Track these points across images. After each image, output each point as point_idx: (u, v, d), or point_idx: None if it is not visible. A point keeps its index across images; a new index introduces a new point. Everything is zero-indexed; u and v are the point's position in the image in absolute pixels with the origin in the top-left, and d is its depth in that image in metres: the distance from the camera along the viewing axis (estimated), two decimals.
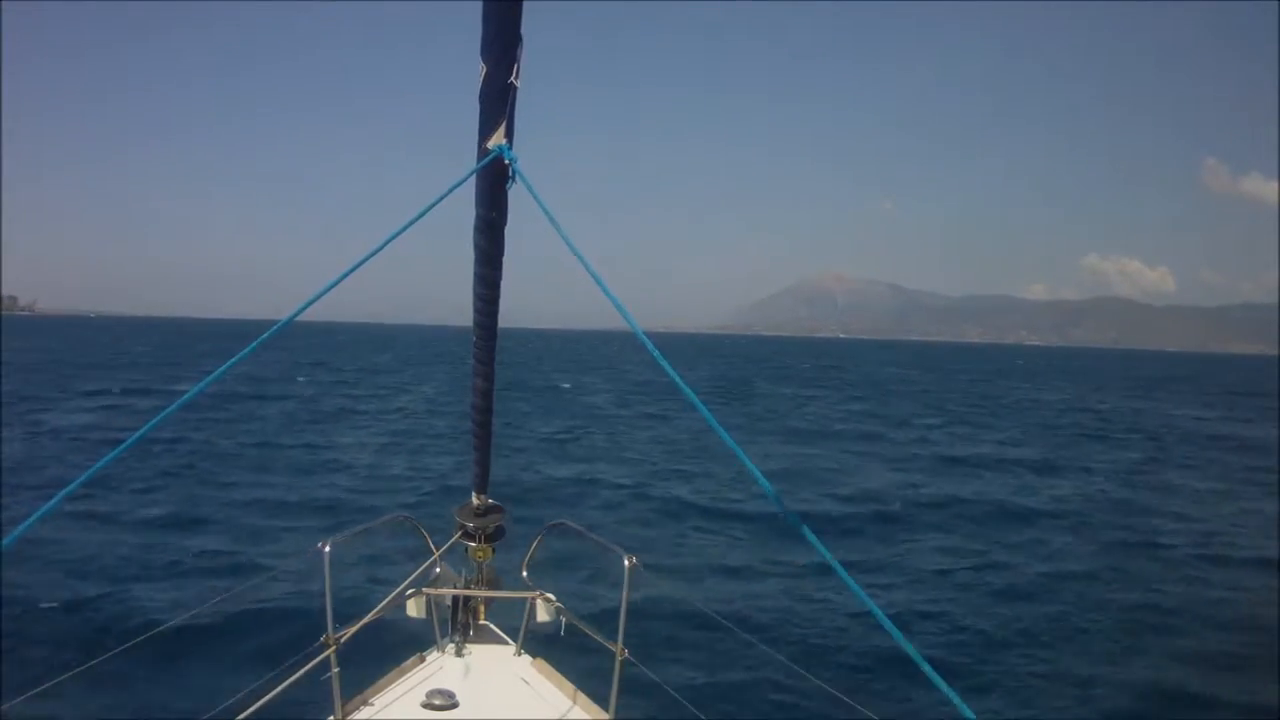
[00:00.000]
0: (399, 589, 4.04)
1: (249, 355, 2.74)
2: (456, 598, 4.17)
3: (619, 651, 3.41)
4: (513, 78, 2.93)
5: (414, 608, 4.05)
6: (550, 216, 2.92)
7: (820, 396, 53.05)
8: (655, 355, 2.74)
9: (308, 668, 3.41)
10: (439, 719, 3.47)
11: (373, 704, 3.59)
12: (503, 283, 3.59)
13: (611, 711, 3.50)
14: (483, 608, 4.31)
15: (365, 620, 3.75)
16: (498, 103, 3.00)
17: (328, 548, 3.42)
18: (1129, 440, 33.72)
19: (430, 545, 4.35)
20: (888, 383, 71.73)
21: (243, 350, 2.69)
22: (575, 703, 3.69)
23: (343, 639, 3.47)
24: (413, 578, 4.14)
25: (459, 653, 4.09)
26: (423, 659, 4.02)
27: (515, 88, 2.96)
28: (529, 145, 3.21)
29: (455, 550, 4.34)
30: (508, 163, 3.05)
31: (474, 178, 3.13)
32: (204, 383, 2.69)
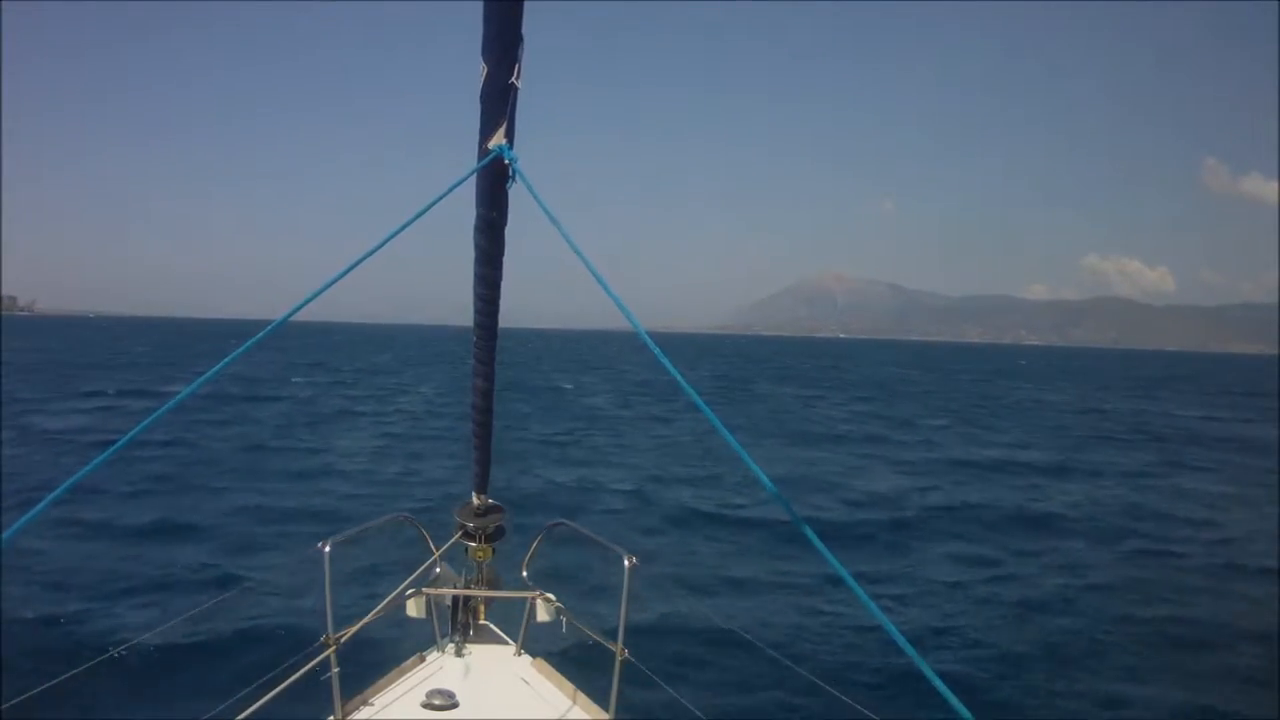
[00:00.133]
0: (399, 589, 4.04)
1: (243, 355, 2.73)
2: (456, 598, 4.17)
3: (619, 651, 3.41)
4: (513, 78, 2.93)
5: (414, 608, 4.05)
6: (551, 216, 2.93)
7: (823, 397, 52.69)
8: (659, 356, 2.73)
9: (308, 668, 3.41)
10: (439, 719, 3.47)
11: (373, 704, 3.59)
12: (503, 283, 3.60)
13: (611, 711, 3.50)
14: (483, 608, 4.32)
15: (365, 620, 3.75)
16: (498, 103, 3.00)
17: (328, 548, 3.42)
18: (1136, 442, 33.49)
19: (430, 545, 4.35)
20: (890, 383, 71.37)
21: (236, 349, 2.67)
22: (575, 703, 3.69)
23: (343, 639, 3.47)
24: (413, 578, 4.14)
25: (459, 653, 4.09)
26: (423, 659, 4.02)
27: (516, 88, 2.97)
28: (529, 145, 3.21)
29: (455, 550, 4.34)
30: (508, 163, 3.05)
31: (474, 177, 3.13)
32: (197, 383, 2.68)
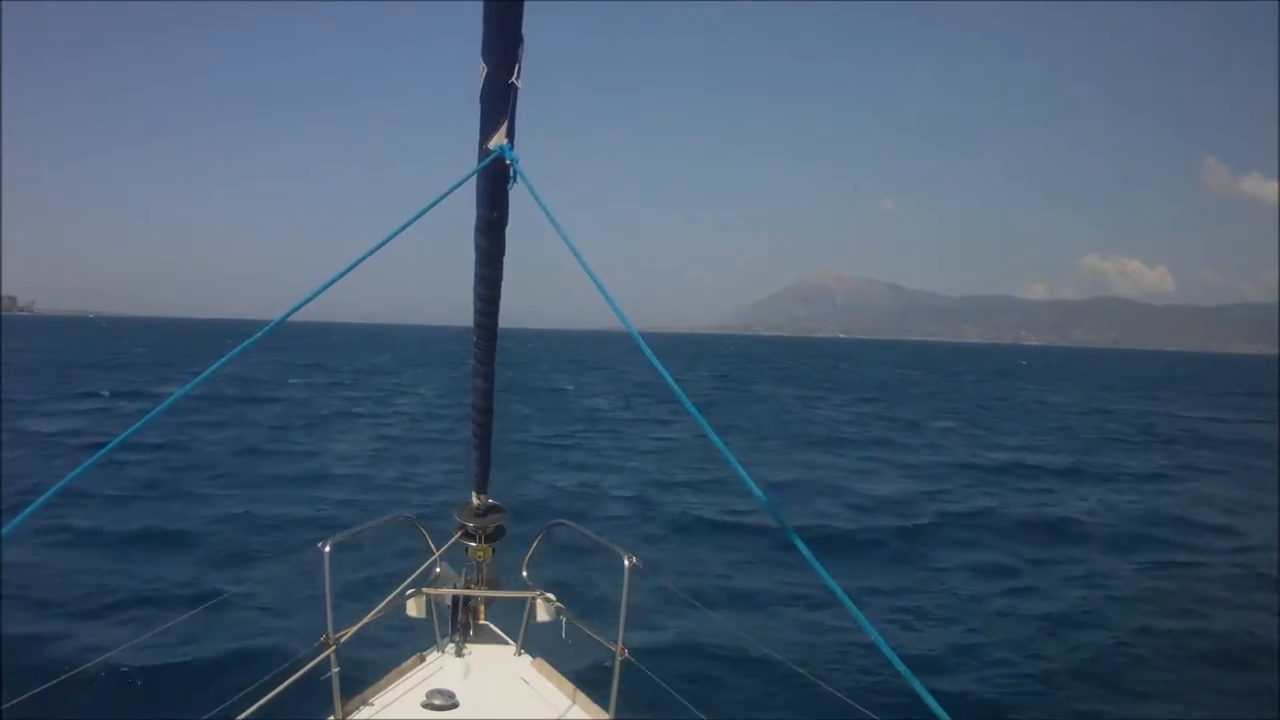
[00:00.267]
0: (399, 589, 4.04)
1: (240, 355, 2.72)
2: (456, 598, 4.17)
3: (619, 651, 3.41)
4: (514, 78, 2.93)
5: (414, 608, 4.05)
6: (551, 217, 2.93)
7: (826, 398, 52.08)
8: (651, 359, 2.72)
9: (308, 668, 3.41)
10: (439, 719, 3.47)
11: (373, 704, 3.59)
12: (503, 283, 3.60)
13: (611, 711, 3.50)
14: (483, 608, 4.32)
15: (365, 620, 3.75)
16: (499, 103, 3.00)
17: (328, 548, 3.42)
18: (1146, 444, 32.96)
19: (430, 545, 4.35)
20: (892, 384, 70.84)
21: (233, 350, 2.65)
22: (575, 703, 3.69)
23: (343, 639, 3.47)
24: (413, 578, 4.14)
25: (459, 653, 4.09)
26: (423, 659, 4.02)
27: (516, 88, 2.96)
28: (529, 146, 3.21)
29: (455, 550, 4.34)
30: (509, 163, 3.05)
31: (475, 178, 3.13)
32: (192, 384, 2.67)
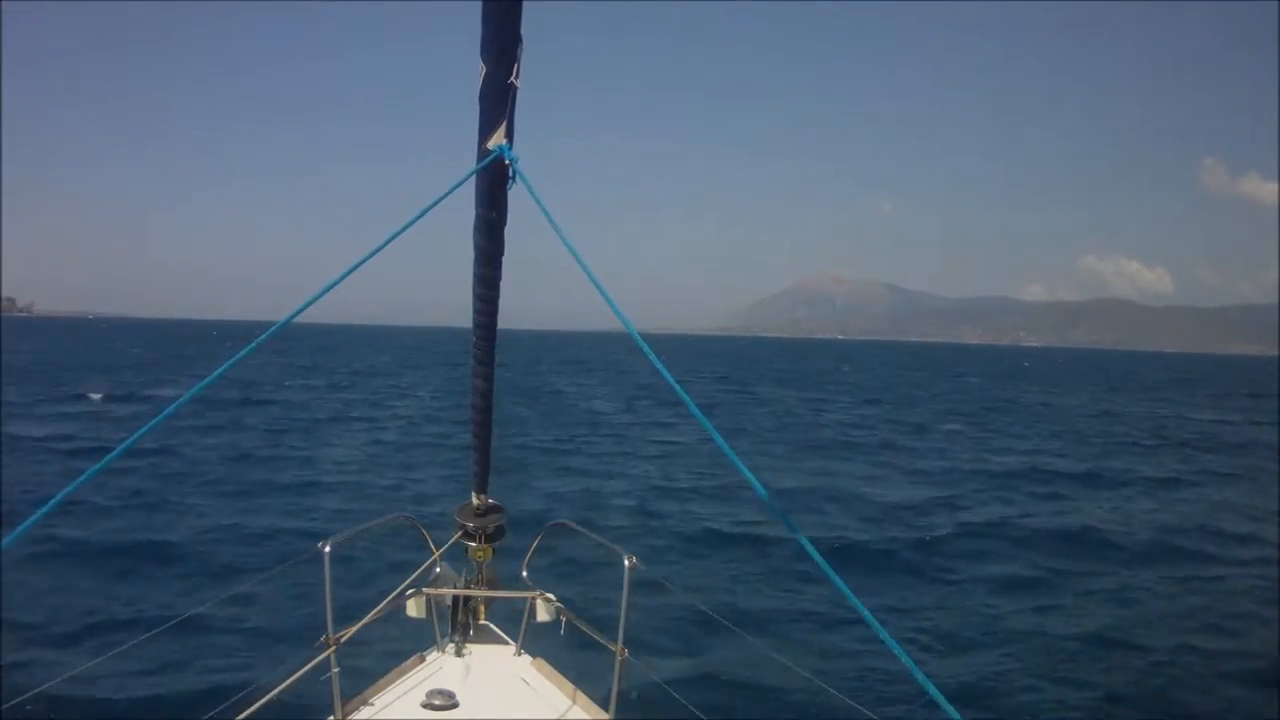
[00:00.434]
0: (399, 589, 4.04)
1: (246, 357, 2.73)
2: (456, 598, 4.17)
3: (619, 651, 3.41)
4: (513, 78, 2.94)
5: (414, 608, 4.05)
6: (550, 217, 2.93)
7: (829, 400, 51.55)
8: (654, 361, 2.73)
9: (308, 668, 3.40)
10: (439, 719, 3.47)
11: (373, 704, 3.59)
12: (502, 283, 3.61)
13: (611, 711, 3.50)
14: (483, 608, 4.32)
15: (365, 620, 3.75)
16: (498, 103, 3.00)
17: (328, 548, 3.42)
18: (1159, 448, 32.60)
19: (430, 545, 4.35)
20: (896, 386, 70.47)
21: (234, 353, 2.68)
22: (575, 703, 3.69)
23: (343, 639, 3.47)
24: (413, 578, 4.14)
25: (459, 653, 4.09)
26: (423, 659, 4.02)
27: (515, 88, 2.97)
28: (529, 146, 3.21)
29: (455, 550, 4.34)
30: (508, 163, 3.06)
31: (474, 178, 3.13)
32: (197, 388, 2.67)
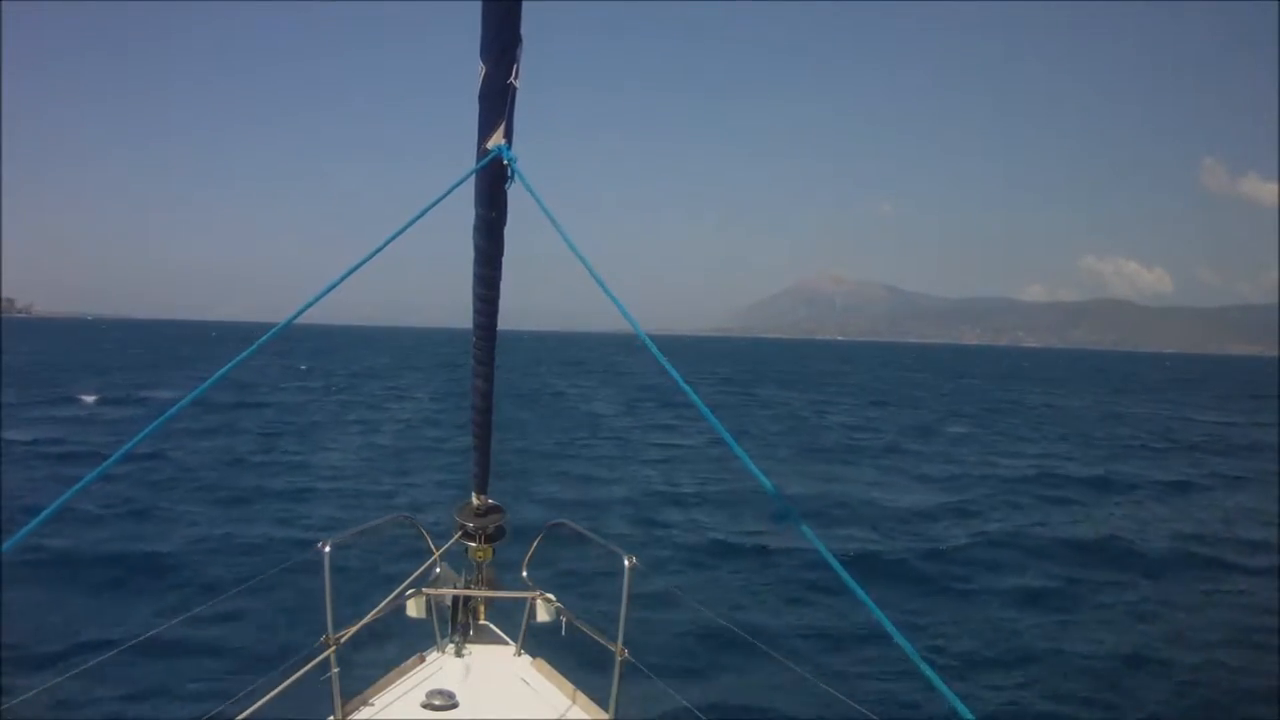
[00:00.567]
0: (399, 589, 4.04)
1: (246, 360, 2.73)
2: (456, 598, 4.17)
3: (619, 651, 3.42)
4: (512, 78, 2.94)
5: (414, 608, 4.05)
6: (550, 216, 2.93)
7: (832, 402, 51.18)
8: (659, 358, 2.73)
9: (308, 668, 3.40)
10: (439, 719, 3.47)
11: (373, 704, 3.59)
12: (502, 284, 3.61)
13: (611, 711, 3.50)
14: (483, 608, 4.32)
15: (365, 620, 3.76)
16: (497, 103, 3.01)
17: (328, 548, 3.42)
18: (1168, 450, 32.41)
19: (430, 545, 4.35)
20: (899, 387, 70.14)
21: (233, 355, 2.69)
22: (575, 703, 3.69)
23: (343, 639, 3.47)
24: (413, 578, 4.14)
25: (459, 653, 4.09)
26: (423, 659, 4.02)
27: (515, 88, 2.97)
28: (529, 146, 3.22)
29: (455, 550, 4.34)
30: (507, 163, 3.06)
31: (473, 177, 3.14)
32: (197, 391, 2.67)
